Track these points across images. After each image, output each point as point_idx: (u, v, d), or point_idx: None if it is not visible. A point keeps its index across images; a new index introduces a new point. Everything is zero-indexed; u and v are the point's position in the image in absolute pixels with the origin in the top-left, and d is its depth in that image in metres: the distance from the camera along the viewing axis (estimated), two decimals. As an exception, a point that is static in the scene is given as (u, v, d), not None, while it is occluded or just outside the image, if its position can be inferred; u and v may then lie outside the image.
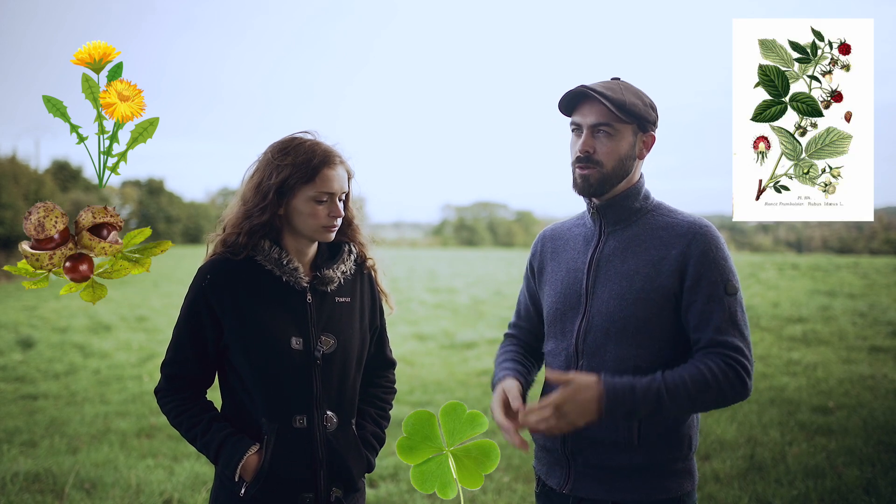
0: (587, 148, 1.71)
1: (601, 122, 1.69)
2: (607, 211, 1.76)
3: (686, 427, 1.73)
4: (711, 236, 1.69)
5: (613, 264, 1.73)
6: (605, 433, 1.71)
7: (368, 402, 1.97)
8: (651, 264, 1.70)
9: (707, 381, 1.60)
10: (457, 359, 8.55)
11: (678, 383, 1.60)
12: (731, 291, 1.66)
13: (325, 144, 1.81)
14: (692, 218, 1.74)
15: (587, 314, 1.74)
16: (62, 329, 10.66)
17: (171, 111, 46.33)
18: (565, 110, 1.77)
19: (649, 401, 1.58)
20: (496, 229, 26.83)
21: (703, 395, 1.60)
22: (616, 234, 1.77)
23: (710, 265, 1.66)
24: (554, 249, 1.88)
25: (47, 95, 1.47)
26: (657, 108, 1.77)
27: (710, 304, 1.65)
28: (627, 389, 1.58)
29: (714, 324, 1.64)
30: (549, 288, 1.85)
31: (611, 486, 1.72)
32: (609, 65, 67.80)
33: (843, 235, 28.77)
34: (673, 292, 1.68)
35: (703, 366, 1.62)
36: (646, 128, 1.74)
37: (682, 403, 1.60)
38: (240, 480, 1.74)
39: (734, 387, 1.62)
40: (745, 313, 1.70)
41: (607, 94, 1.68)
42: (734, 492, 4.10)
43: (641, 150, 1.75)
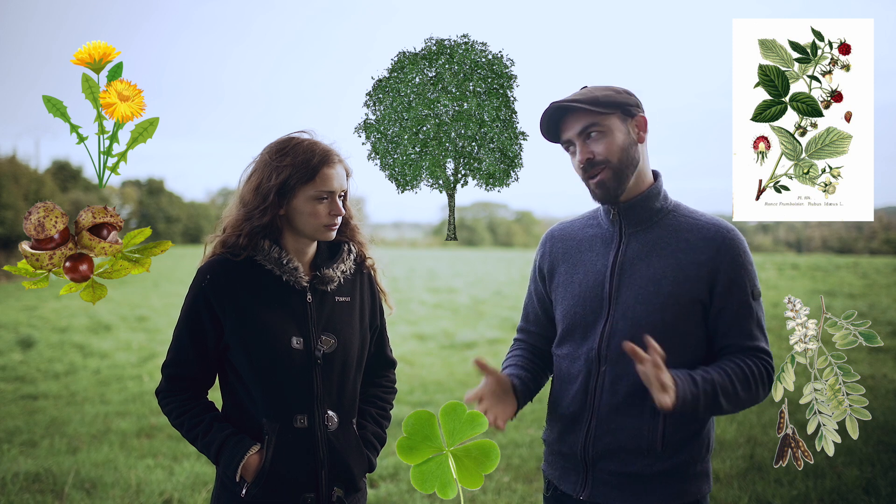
0: (587, 155, 1.70)
1: (587, 125, 1.69)
2: (629, 213, 1.74)
3: (707, 430, 1.73)
4: (739, 241, 1.70)
5: (638, 268, 1.71)
6: (629, 440, 1.69)
7: (369, 402, 1.97)
8: (678, 268, 1.68)
9: (748, 379, 1.63)
10: (457, 359, 8.55)
11: (726, 379, 1.61)
12: (757, 296, 1.69)
13: (323, 143, 1.81)
14: (716, 220, 1.73)
15: (611, 319, 1.71)
16: (62, 329, 10.66)
17: (172, 111, 46.24)
18: (550, 136, 1.77)
19: (708, 393, 1.59)
20: (496, 229, 26.67)
21: (746, 393, 1.63)
22: (637, 235, 1.74)
23: (740, 271, 1.67)
24: (566, 250, 1.85)
25: (47, 95, 1.47)
26: (634, 93, 1.75)
27: (741, 310, 1.66)
28: (690, 381, 1.58)
29: (746, 330, 1.66)
30: (565, 290, 1.81)
31: (631, 493, 1.69)
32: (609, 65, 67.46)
33: (843, 235, 28.76)
34: (700, 298, 1.67)
35: (742, 364, 1.64)
36: (631, 112, 1.72)
37: (730, 399, 1.62)
38: (241, 481, 1.74)
39: (765, 387, 1.67)
40: (765, 315, 1.72)
41: (580, 98, 1.69)
42: (734, 492, 4.10)
43: (639, 134, 1.73)
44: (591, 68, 2.25)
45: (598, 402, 1.71)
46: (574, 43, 5.56)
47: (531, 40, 2.96)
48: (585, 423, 1.73)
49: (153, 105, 1.53)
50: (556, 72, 2.69)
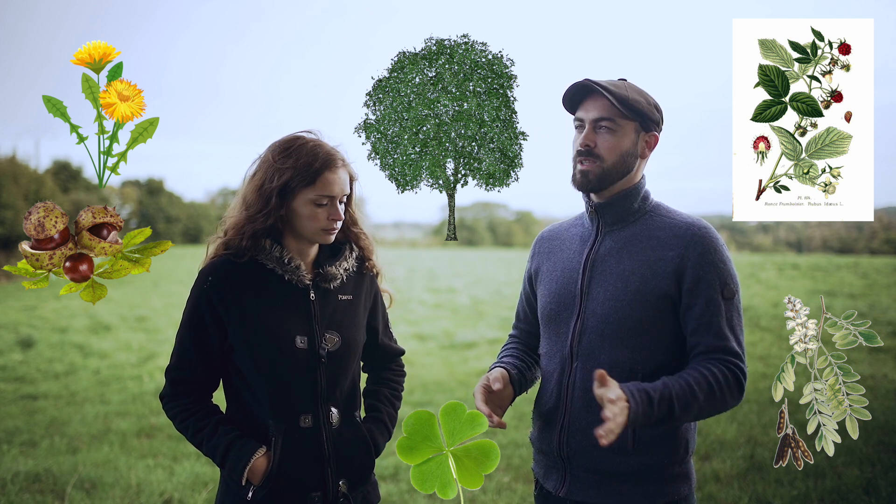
0: (588, 142, 1.71)
1: (604, 117, 1.69)
2: (605, 210, 1.76)
3: (683, 430, 1.72)
4: (710, 238, 1.68)
5: (609, 264, 1.72)
6: None
7: (382, 383, 2.00)
8: (647, 265, 1.68)
9: (712, 388, 1.59)
10: (457, 359, 8.56)
11: (686, 391, 1.57)
12: (728, 295, 1.65)
13: (328, 146, 1.79)
14: (690, 219, 1.73)
15: (582, 315, 1.72)
16: (62, 329, 10.66)
17: (172, 111, 46.30)
18: (569, 106, 1.77)
19: (662, 410, 1.55)
20: (496, 229, 26.71)
21: (708, 403, 1.59)
22: (613, 233, 1.75)
23: (709, 268, 1.65)
24: (550, 249, 1.88)
25: (47, 95, 1.47)
26: (662, 111, 1.76)
27: (708, 308, 1.64)
28: (644, 395, 1.54)
29: (713, 329, 1.63)
30: (544, 288, 1.83)
31: (607, 491, 1.70)
32: (609, 66, 67.35)
33: (843, 235, 28.73)
34: (669, 294, 1.66)
35: (707, 372, 1.60)
36: (648, 127, 1.73)
37: (690, 411, 1.58)
38: (247, 484, 1.73)
39: (733, 394, 1.62)
40: (741, 317, 1.69)
41: (611, 89, 1.68)
42: (734, 492, 4.10)
43: (644, 150, 1.75)
44: (592, 68, 2.25)
45: (571, 400, 1.72)
46: (574, 43, 5.55)
47: (531, 40, 2.96)
48: (560, 421, 1.74)
49: (153, 105, 1.53)
50: (556, 72, 2.68)
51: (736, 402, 1.63)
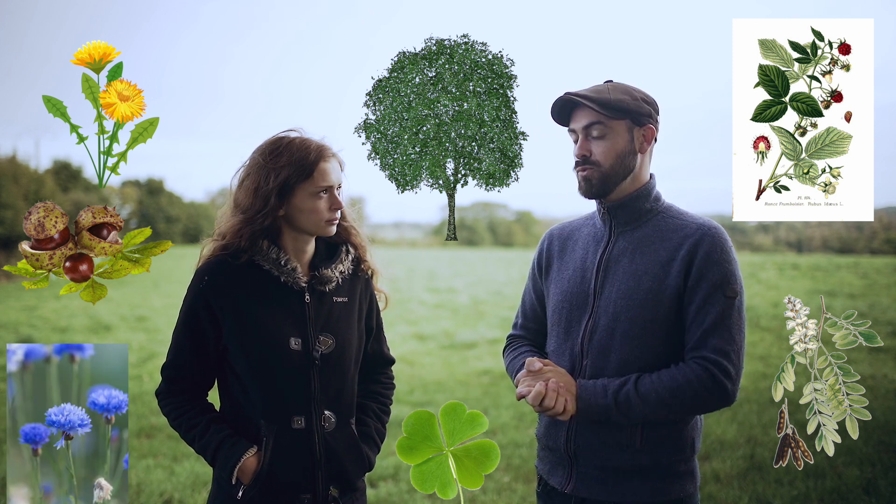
0: (583, 151, 1.74)
1: (591, 123, 1.72)
2: (618, 212, 1.77)
3: (689, 429, 1.74)
4: (718, 237, 1.70)
5: (622, 264, 1.74)
6: (608, 435, 1.71)
7: (370, 398, 1.98)
8: (659, 265, 1.70)
9: (681, 386, 1.62)
10: (457, 359, 8.56)
11: (650, 388, 1.63)
12: (729, 294, 1.66)
13: (315, 139, 1.81)
14: (701, 220, 1.75)
15: (594, 314, 1.74)
16: (62, 329, 10.66)
17: (172, 111, 46.22)
18: (560, 121, 1.80)
19: (620, 403, 1.63)
20: (496, 229, 26.78)
21: (678, 401, 1.62)
22: (626, 234, 1.77)
23: (712, 266, 1.67)
24: (562, 248, 1.89)
25: (47, 95, 1.47)
26: (654, 102, 1.77)
27: (705, 305, 1.66)
28: (600, 389, 1.65)
29: (704, 325, 1.65)
30: (555, 286, 1.85)
31: (613, 488, 1.72)
32: (609, 66, 67.51)
33: (843, 235, 28.74)
34: (679, 294, 1.68)
35: (679, 371, 1.64)
36: (641, 121, 1.74)
37: (655, 408, 1.62)
38: (237, 483, 1.74)
39: (712, 393, 1.63)
40: (742, 317, 1.69)
41: (591, 95, 1.71)
42: (734, 492, 4.10)
43: (641, 144, 1.75)
44: (592, 68, 2.26)
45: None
46: (574, 43, 5.55)
47: (531, 40, 2.96)
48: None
49: (153, 105, 1.53)
50: (556, 72, 2.69)
51: (720, 401, 1.64)
